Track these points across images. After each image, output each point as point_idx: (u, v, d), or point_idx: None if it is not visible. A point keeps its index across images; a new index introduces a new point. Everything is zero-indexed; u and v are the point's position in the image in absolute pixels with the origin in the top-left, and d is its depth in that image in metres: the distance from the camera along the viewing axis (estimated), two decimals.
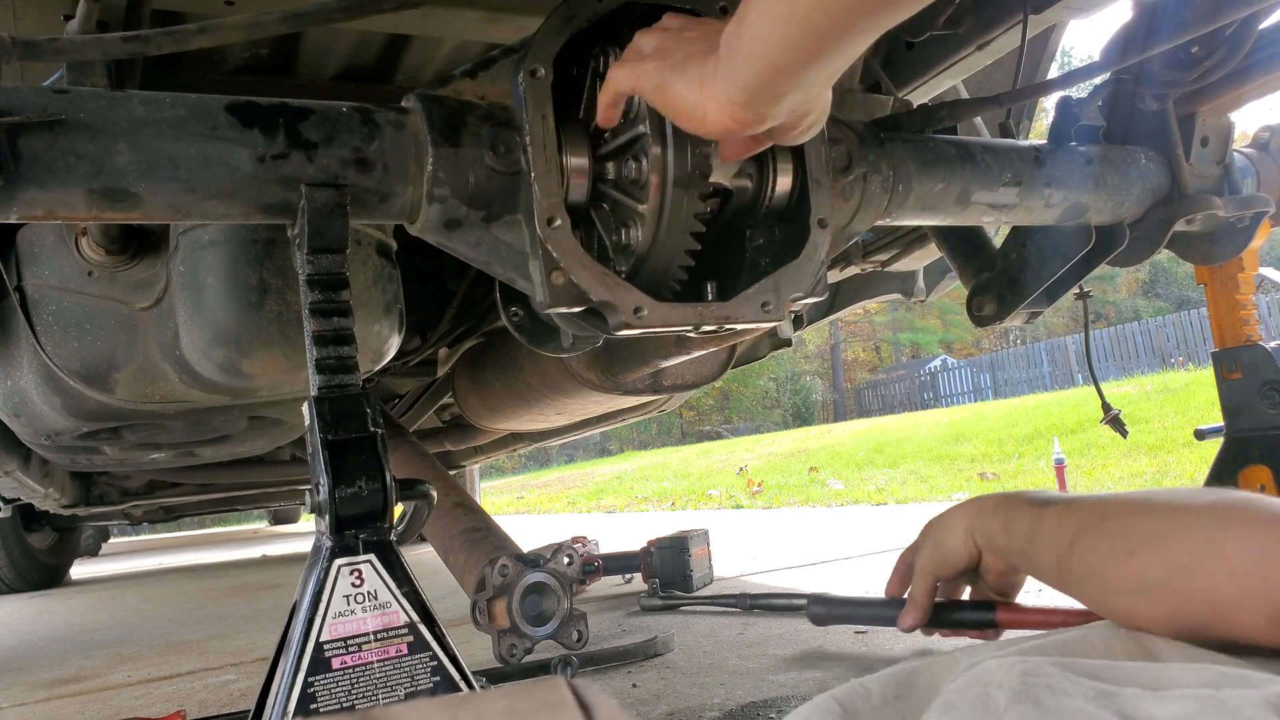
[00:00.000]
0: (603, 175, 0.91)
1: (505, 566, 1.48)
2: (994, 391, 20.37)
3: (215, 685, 1.97)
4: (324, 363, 0.82)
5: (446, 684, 0.80)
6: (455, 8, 1.12)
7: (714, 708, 1.39)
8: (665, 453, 16.55)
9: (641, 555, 2.57)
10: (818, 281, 0.96)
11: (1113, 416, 1.58)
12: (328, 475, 0.78)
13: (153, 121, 0.76)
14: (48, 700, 2.01)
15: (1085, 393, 10.16)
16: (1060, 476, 4.44)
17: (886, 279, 2.00)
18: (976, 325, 1.40)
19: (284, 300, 1.24)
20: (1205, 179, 1.30)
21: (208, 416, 1.64)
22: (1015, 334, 26.16)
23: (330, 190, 0.82)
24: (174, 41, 0.85)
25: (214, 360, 1.26)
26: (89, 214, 0.77)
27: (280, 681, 0.77)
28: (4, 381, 1.45)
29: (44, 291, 1.26)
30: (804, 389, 28.66)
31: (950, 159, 1.12)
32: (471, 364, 2.20)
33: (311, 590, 0.78)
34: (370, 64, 1.40)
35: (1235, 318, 1.64)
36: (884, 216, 1.10)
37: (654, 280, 0.92)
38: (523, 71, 0.86)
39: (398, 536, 0.84)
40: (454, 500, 1.82)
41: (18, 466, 1.99)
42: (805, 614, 1.26)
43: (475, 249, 0.89)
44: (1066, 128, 1.24)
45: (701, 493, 8.32)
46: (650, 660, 1.75)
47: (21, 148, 0.72)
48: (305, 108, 0.83)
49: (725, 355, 1.79)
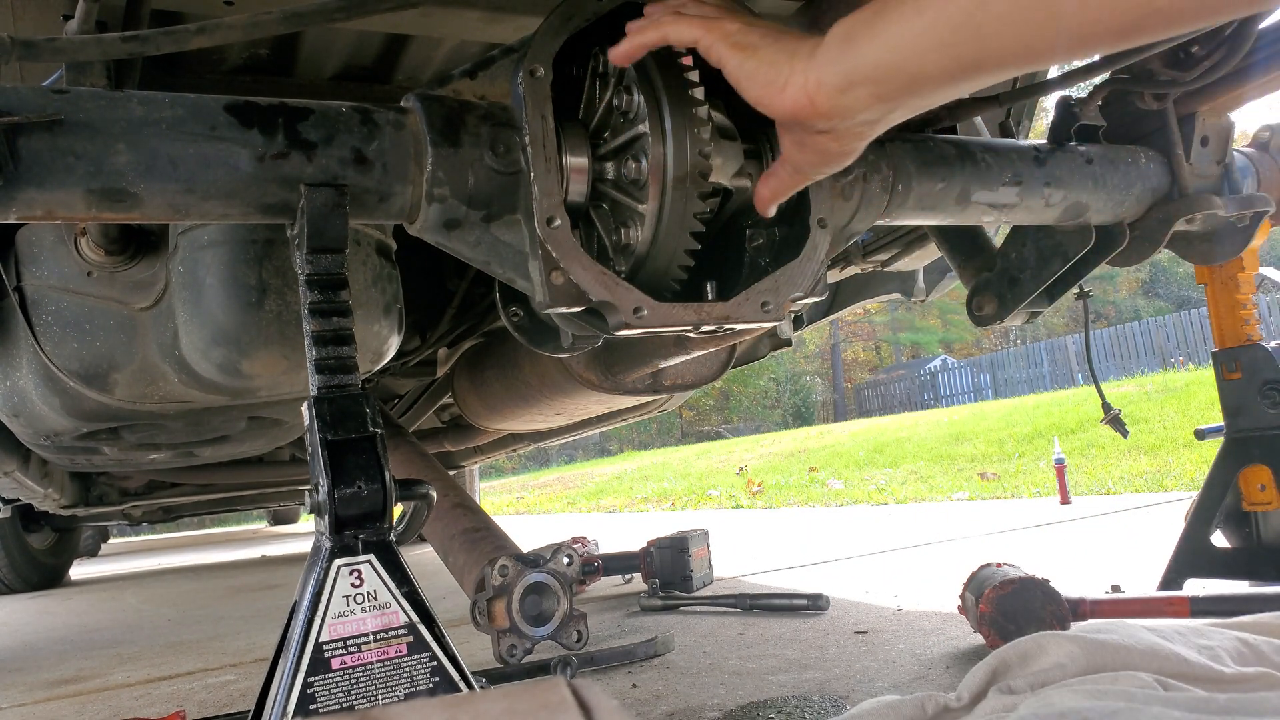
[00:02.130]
0: (602, 175, 0.91)
1: (505, 567, 1.48)
2: (994, 391, 20.37)
3: (215, 685, 1.97)
4: (323, 363, 0.82)
5: (446, 684, 0.80)
6: (455, 7, 1.12)
7: (714, 708, 1.38)
8: (665, 453, 16.55)
9: (641, 555, 2.57)
10: (817, 281, 0.96)
11: (1113, 416, 1.58)
12: (327, 475, 0.78)
13: (152, 121, 0.76)
14: (47, 700, 2.01)
15: (1085, 392, 10.16)
16: (1060, 476, 4.43)
17: (886, 279, 2.00)
18: (976, 325, 1.40)
19: (283, 300, 1.24)
20: (1205, 179, 1.30)
21: (207, 417, 1.64)
22: (1015, 334, 26.16)
23: (329, 190, 0.82)
24: (173, 41, 0.85)
25: (213, 360, 1.26)
26: (88, 214, 0.77)
27: (280, 682, 0.77)
28: (3, 382, 1.45)
29: (43, 292, 1.25)
30: (804, 389, 28.66)
31: (950, 159, 1.12)
32: (471, 364, 2.20)
33: (311, 590, 0.78)
34: (369, 64, 1.39)
35: (1235, 317, 1.64)
36: (884, 216, 1.10)
37: (654, 280, 0.92)
38: (522, 71, 0.86)
39: (397, 537, 0.84)
40: (454, 500, 1.82)
41: (17, 467, 1.99)
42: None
43: (475, 249, 0.89)
44: (1066, 127, 1.24)
45: (701, 493, 8.31)
46: (650, 660, 1.75)
47: (21, 148, 0.72)
48: (304, 107, 0.82)
49: (725, 355, 1.79)
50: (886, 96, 0.69)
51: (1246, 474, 1.60)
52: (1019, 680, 0.92)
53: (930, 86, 0.67)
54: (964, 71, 0.65)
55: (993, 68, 0.64)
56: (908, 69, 0.66)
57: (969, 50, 0.63)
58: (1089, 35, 0.59)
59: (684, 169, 0.86)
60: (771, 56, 0.72)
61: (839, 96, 0.70)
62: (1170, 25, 0.58)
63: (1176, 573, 1.65)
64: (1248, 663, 0.95)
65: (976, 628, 1.59)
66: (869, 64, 0.67)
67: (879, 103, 0.69)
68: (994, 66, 0.64)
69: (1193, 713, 0.74)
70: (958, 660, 1.54)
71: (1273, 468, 1.56)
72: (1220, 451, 1.64)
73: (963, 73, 0.65)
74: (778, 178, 0.83)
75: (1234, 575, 1.62)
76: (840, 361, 29.65)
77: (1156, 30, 0.58)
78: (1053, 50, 0.61)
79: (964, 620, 1.70)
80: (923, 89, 0.67)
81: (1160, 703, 0.77)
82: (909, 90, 0.68)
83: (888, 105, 0.70)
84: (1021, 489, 5.38)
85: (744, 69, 0.74)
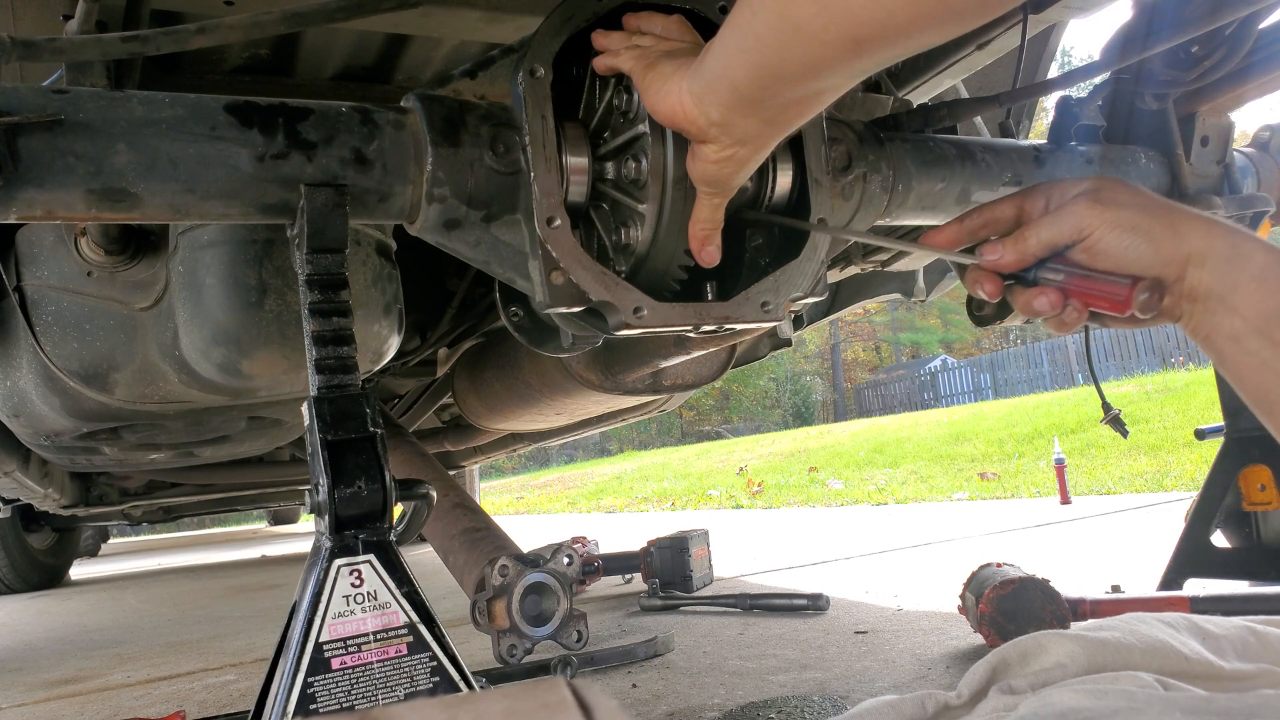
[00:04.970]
0: (602, 175, 0.91)
1: (505, 567, 1.48)
2: (994, 391, 20.37)
3: (215, 685, 1.97)
4: (324, 363, 0.82)
5: (446, 684, 0.80)
6: (455, 8, 1.12)
7: (714, 708, 1.38)
8: (665, 453, 16.55)
9: (641, 555, 2.57)
10: (817, 281, 0.96)
11: (1113, 416, 1.57)
12: (327, 475, 0.78)
13: (152, 121, 0.76)
14: (47, 701, 2.01)
15: (1085, 392, 10.16)
16: (1060, 476, 4.43)
17: (886, 279, 2.00)
18: (976, 325, 1.39)
19: (283, 300, 1.24)
20: (1205, 178, 1.30)
21: (207, 417, 1.64)
22: (1015, 334, 26.16)
23: (330, 190, 0.82)
24: (173, 41, 0.85)
25: (213, 360, 1.26)
26: (88, 214, 0.77)
27: (280, 682, 0.77)
28: (3, 382, 1.45)
29: (43, 292, 1.25)
30: (804, 389, 28.65)
31: (950, 159, 1.12)
32: (471, 364, 2.20)
33: (311, 590, 0.78)
34: (369, 64, 1.39)
35: None
36: (884, 216, 1.10)
37: (654, 280, 0.92)
38: (522, 71, 0.86)
39: (397, 537, 0.84)
40: (454, 500, 1.82)
41: (17, 467, 1.99)
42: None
43: (475, 249, 0.89)
44: (1066, 127, 1.24)
45: (701, 493, 8.31)
46: (650, 660, 1.75)
47: (21, 148, 0.72)
48: (304, 107, 0.82)
49: (725, 355, 1.79)
50: (729, 105, 0.73)
51: (1246, 474, 1.60)
52: (1019, 679, 0.91)
53: (750, 93, 0.71)
54: (772, 79, 0.69)
55: (796, 75, 0.67)
56: (727, 76, 0.71)
57: (770, 57, 0.67)
58: (860, 39, 0.62)
59: (684, 169, 0.86)
60: (667, 70, 0.78)
61: (697, 103, 0.75)
62: (904, 37, 0.61)
63: (1176, 573, 1.65)
64: (1253, 654, 0.95)
65: (976, 628, 1.59)
66: (708, 73, 0.73)
67: (729, 111, 0.74)
68: (797, 74, 0.67)
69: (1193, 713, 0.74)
70: (958, 660, 1.54)
71: (1273, 468, 1.56)
72: (1220, 451, 1.64)
73: (771, 80, 0.69)
74: (697, 210, 0.86)
75: (1234, 575, 1.61)
76: (840, 361, 29.65)
77: (887, 43, 0.61)
78: (837, 58, 0.64)
79: (964, 620, 1.70)
80: (747, 96, 0.71)
81: (1161, 702, 0.77)
82: (737, 98, 0.72)
83: (739, 114, 0.74)
84: (1021, 489, 5.38)
85: (643, 80, 0.80)
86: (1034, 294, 0.83)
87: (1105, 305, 0.80)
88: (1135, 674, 0.88)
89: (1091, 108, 1.25)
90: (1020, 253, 0.83)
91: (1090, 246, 0.80)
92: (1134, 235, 0.78)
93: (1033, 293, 0.83)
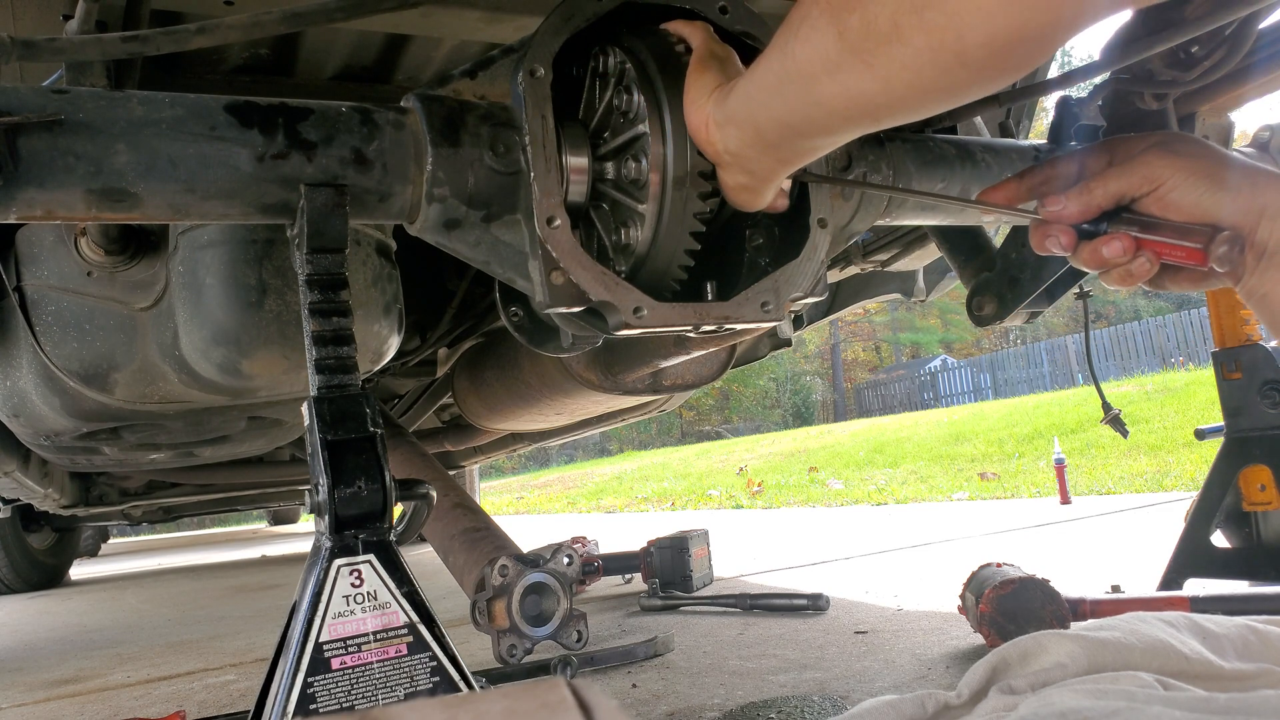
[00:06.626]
0: (602, 175, 0.91)
1: (505, 567, 1.48)
2: (994, 391, 20.37)
3: (215, 685, 1.97)
4: (323, 363, 0.82)
5: (446, 684, 0.80)
6: (455, 7, 1.12)
7: (714, 708, 1.38)
8: (665, 453, 16.55)
9: (641, 555, 2.57)
10: (817, 281, 0.96)
11: (1113, 416, 1.57)
12: (327, 475, 0.78)
13: (152, 121, 0.76)
14: (47, 701, 2.01)
15: (1085, 392, 10.16)
16: (1060, 476, 4.43)
17: (886, 279, 2.00)
18: (976, 325, 1.40)
19: (283, 300, 1.24)
20: None
21: (207, 417, 1.64)
22: (1015, 334, 26.16)
23: (329, 190, 0.82)
24: (173, 42, 0.85)
25: (213, 360, 1.26)
26: (88, 214, 0.77)
27: (280, 682, 0.77)
28: (3, 382, 1.45)
29: (43, 292, 1.25)
30: (804, 389, 28.65)
31: (950, 159, 1.12)
32: (471, 364, 2.20)
33: (311, 590, 0.78)
34: (369, 64, 1.39)
35: (1235, 317, 1.64)
36: (884, 216, 1.10)
37: (654, 280, 0.92)
38: (522, 71, 0.86)
39: (397, 537, 0.84)
40: (454, 500, 1.82)
41: (17, 467, 1.99)
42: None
43: (475, 249, 0.89)
44: (1066, 128, 1.24)
45: (701, 493, 8.31)
46: (650, 660, 1.75)
47: (21, 148, 0.72)
48: (304, 107, 0.82)
49: (725, 355, 1.79)
50: (748, 143, 0.77)
51: (1246, 474, 1.60)
52: (1019, 679, 0.91)
53: (771, 139, 0.75)
54: (793, 135, 0.72)
55: (815, 134, 0.71)
56: (751, 121, 0.75)
57: (793, 119, 0.70)
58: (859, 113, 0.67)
59: (684, 169, 0.86)
60: (708, 83, 0.80)
61: (718, 131, 0.78)
62: (912, 113, 0.66)
63: (1176, 573, 1.65)
64: (1253, 654, 0.95)
65: (976, 628, 1.59)
66: (732, 108, 0.76)
67: (746, 147, 0.77)
68: (817, 133, 0.71)
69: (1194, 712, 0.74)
70: (958, 660, 1.54)
71: (1273, 468, 1.56)
72: (1220, 451, 1.64)
73: (792, 135, 0.73)
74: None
75: (1234, 575, 1.61)
76: (840, 361, 29.64)
77: (899, 117, 0.67)
78: (855, 127, 0.69)
79: (964, 620, 1.70)
80: (766, 140, 0.75)
81: (1161, 702, 0.77)
82: (757, 139, 0.75)
83: (756, 150, 0.77)
84: (1021, 489, 5.38)
85: (691, 74, 0.82)
86: (1102, 242, 0.79)
87: (1182, 256, 0.76)
88: (1135, 674, 0.88)
89: (1091, 108, 1.25)
90: (1085, 204, 0.80)
91: (1163, 196, 0.77)
92: (1210, 184, 0.75)
93: (1100, 241, 0.80)
